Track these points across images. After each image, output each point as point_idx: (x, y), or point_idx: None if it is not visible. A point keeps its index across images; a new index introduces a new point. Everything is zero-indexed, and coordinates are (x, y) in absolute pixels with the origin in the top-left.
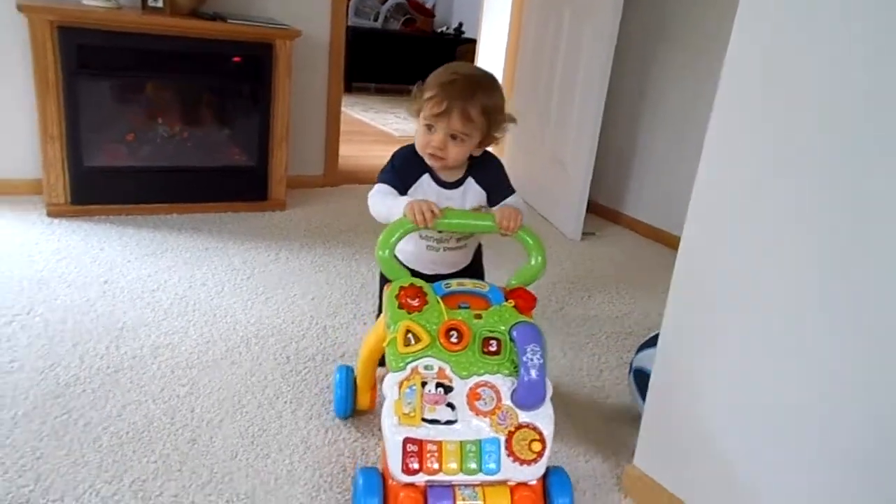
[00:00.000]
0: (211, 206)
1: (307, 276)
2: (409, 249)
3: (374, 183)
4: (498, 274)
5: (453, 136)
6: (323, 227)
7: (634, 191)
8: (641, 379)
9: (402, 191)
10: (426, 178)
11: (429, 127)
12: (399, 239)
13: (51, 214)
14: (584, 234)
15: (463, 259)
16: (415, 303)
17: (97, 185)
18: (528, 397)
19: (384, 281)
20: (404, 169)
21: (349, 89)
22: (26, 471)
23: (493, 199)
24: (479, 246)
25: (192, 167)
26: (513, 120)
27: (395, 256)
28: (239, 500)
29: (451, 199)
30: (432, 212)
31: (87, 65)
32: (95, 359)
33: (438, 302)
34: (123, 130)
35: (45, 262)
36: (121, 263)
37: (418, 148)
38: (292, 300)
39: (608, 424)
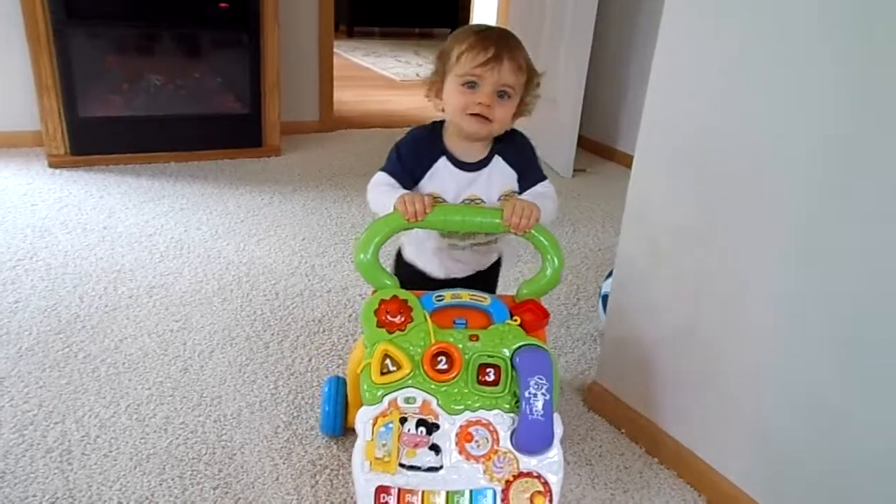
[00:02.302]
0: (208, 153)
1: (299, 218)
2: (429, 247)
3: (378, 167)
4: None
5: (501, 93)
6: (317, 171)
7: (627, 126)
8: (608, 302)
9: (409, 183)
10: (443, 161)
11: (470, 84)
12: (384, 239)
13: (52, 165)
14: (575, 170)
15: (488, 259)
16: (397, 320)
17: (95, 136)
18: (530, 440)
19: (399, 270)
20: (414, 155)
21: (351, 34)
22: (31, 398)
23: (522, 185)
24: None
25: (187, 115)
26: (538, 96)
27: (405, 262)
28: (226, 420)
29: (474, 182)
30: (424, 203)
31: (75, 14)
32: (94, 298)
33: (426, 319)
34: (117, 80)
35: (47, 211)
36: (120, 210)
37: (454, 113)
38: (283, 241)
39: (579, 346)
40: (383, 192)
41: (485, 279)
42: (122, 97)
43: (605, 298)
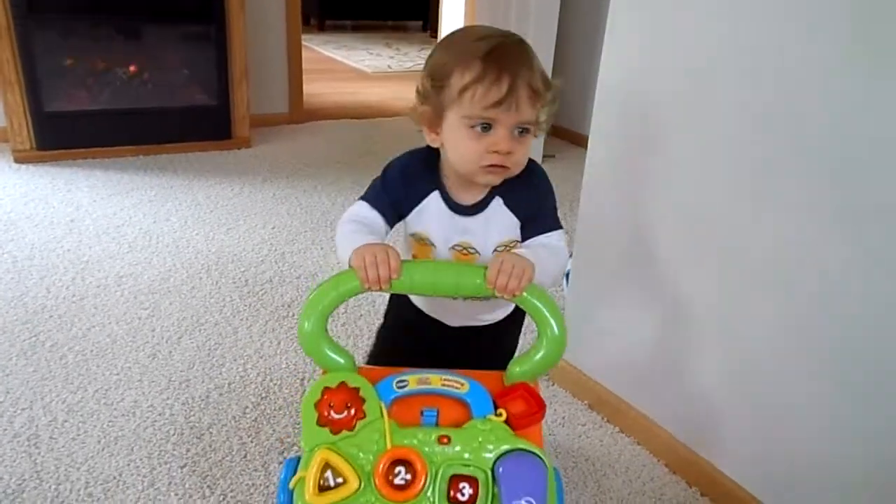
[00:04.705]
0: (177, 146)
1: (269, 207)
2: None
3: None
4: None
5: (520, 130)
6: (287, 162)
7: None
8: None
9: (391, 216)
10: (434, 197)
11: (484, 126)
12: (334, 305)
13: (18, 161)
14: (544, 156)
15: (491, 314)
16: (343, 416)
17: (61, 130)
18: None
19: (393, 312)
20: (403, 184)
21: (322, 28)
22: None
23: (526, 234)
24: None
25: (155, 108)
26: (555, 114)
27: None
28: (194, 403)
29: (468, 230)
30: (390, 267)
31: (36, 8)
32: (62, 289)
33: (382, 415)
34: (82, 74)
35: (13, 206)
36: (87, 203)
37: (464, 163)
38: (253, 230)
39: None
40: (349, 234)
41: (492, 338)
42: (88, 91)
43: (568, 275)
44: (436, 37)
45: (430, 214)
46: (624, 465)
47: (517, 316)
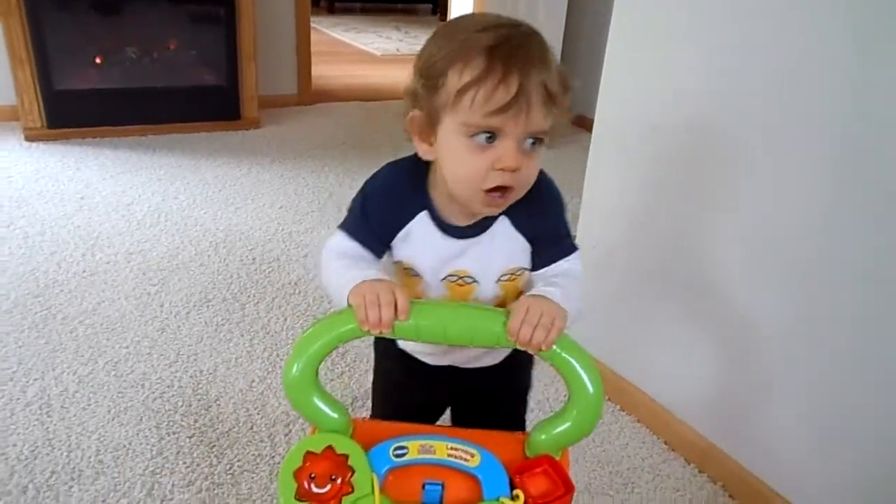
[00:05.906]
0: (185, 126)
1: (276, 187)
2: None
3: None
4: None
5: (535, 141)
6: (295, 143)
7: None
8: None
9: (378, 246)
10: (423, 217)
11: (489, 136)
12: (329, 348)
13: (29, 139)
14: None
15: (495, 351)
16: (326, 490)
17: (71, 109)
18: None
19: (382, 365)
20: (388, 207)
21: (332, 10)
22: (9, 356)
23: (538, 260)
24: None
25: (164, 88)
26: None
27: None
28: (202, 375)
29: (464, 253)
30: (396, 309)
31: None
32: (72, 264)
33: (373, 490)
34: (92, 53)
35: (24, 182)
36: (97, 181)
37: (461, 183)
38: (261, 209)
39: None
40: (341, 269)
41: (507, 374)
42: (97, 70)
43: None
44: (445, 20)
45: (418, 239)
46: (624, 441)
47: (511, 367)
